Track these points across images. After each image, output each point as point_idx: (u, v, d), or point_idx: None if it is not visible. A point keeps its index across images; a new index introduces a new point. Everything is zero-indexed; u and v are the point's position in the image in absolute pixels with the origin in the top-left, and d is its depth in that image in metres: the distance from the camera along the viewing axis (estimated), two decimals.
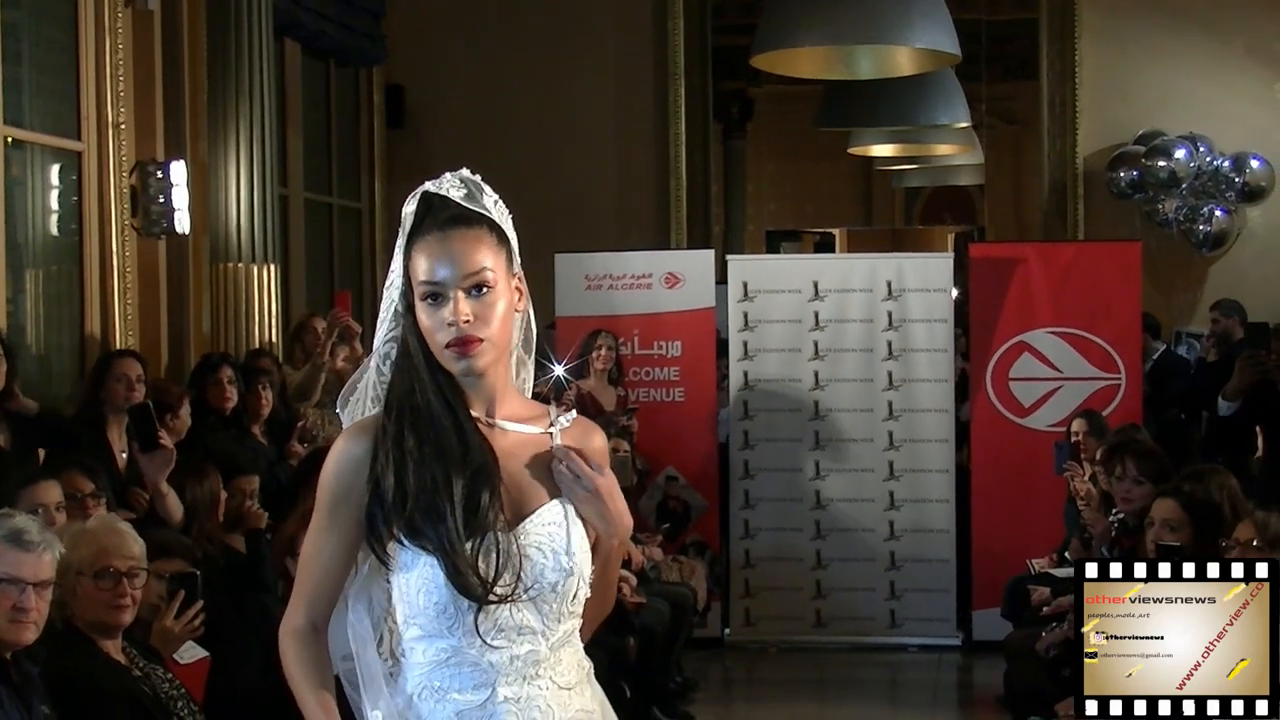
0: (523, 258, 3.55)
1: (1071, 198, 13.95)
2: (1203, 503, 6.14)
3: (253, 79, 10.52)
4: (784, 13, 11.32)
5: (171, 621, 5.50)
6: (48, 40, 9.54)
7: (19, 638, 4.50)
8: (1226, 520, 5.94)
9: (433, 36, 14.12)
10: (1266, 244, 13.58)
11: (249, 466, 7.37)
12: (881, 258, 12.04)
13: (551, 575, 3.31)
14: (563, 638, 3.36)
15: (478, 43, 14.10)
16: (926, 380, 11.08)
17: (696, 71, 14.38)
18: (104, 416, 7.49)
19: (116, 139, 9.72)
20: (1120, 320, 10.88)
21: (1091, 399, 10.60)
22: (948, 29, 11.15)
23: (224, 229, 10.49)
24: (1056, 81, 14.01)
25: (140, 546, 5.20)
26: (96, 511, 5.85)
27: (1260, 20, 13.54)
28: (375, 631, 3.45)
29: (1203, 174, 13.52)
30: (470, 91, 14.16)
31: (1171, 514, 6.13)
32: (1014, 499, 10.72)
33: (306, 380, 9.56)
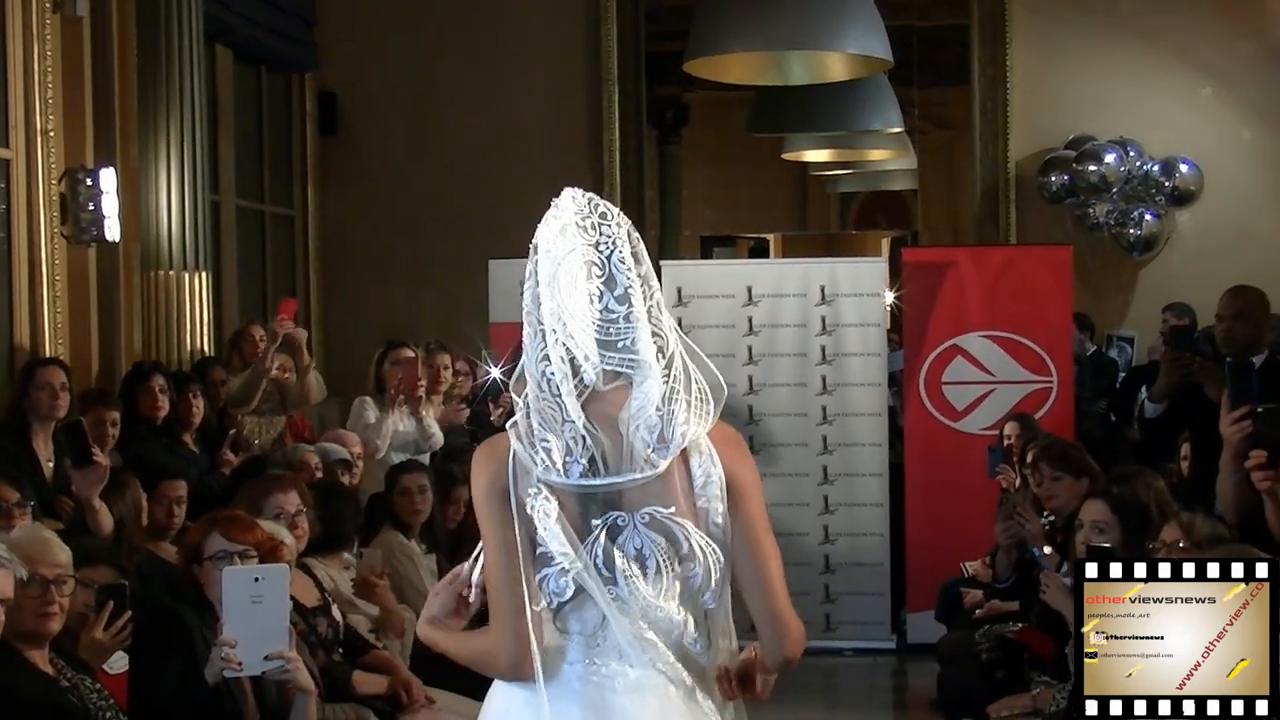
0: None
1: (1003, 202, 14.01)
2: (1131, 504, 6.17)
3: (183, 85, 10.47)
4: (716, 18, 11.34)
5: (101, 633, 5.47)
6: None
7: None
8: (1154, 521, 5.98)
9: (365, 43, 14.08)
10: (1196, 247, 13.66)
11: (178, 475, 7.33)
12: (815, 263, 12.11)
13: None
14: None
15: (410, 49, 14.06)
16: (860, 384, 11.11)
17: (630, 77, 14.37)
18: (29, 425, 7.43)
19: (45, 146, 9.64)
20: (1052, 324, 10.94)
21: (1024, 402, 10.65)
22: (880, 34, 11.18)
23: (155, 236, 10.43)
24: (988, 87, 14.06)
25: (67, 555, 5.17)
26: (22, 521, 5.80)
27: (1188, 25, 13.63)
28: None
29: (1133, 178, 13.61)
30: (403, 98, 14.13)
31: (1100, 515, 6.17)
32: (947, 502, 10.75)
33: (245, 387, 9.53)
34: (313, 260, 14.13)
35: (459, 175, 14.00)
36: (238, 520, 5.88)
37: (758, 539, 3.56)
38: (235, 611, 5.22)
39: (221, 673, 5.26)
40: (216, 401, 9.37)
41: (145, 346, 10.32)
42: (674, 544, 3.49)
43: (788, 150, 19.85)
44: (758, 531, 3.56)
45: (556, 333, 3.50)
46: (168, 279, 10.47)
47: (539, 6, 14.14)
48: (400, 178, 14.09)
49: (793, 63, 12.10)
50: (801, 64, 12.12)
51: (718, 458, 3.53)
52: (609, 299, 3.50)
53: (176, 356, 10.27)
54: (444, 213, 13.91)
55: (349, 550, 7.34)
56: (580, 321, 3.49)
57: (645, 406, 3.47)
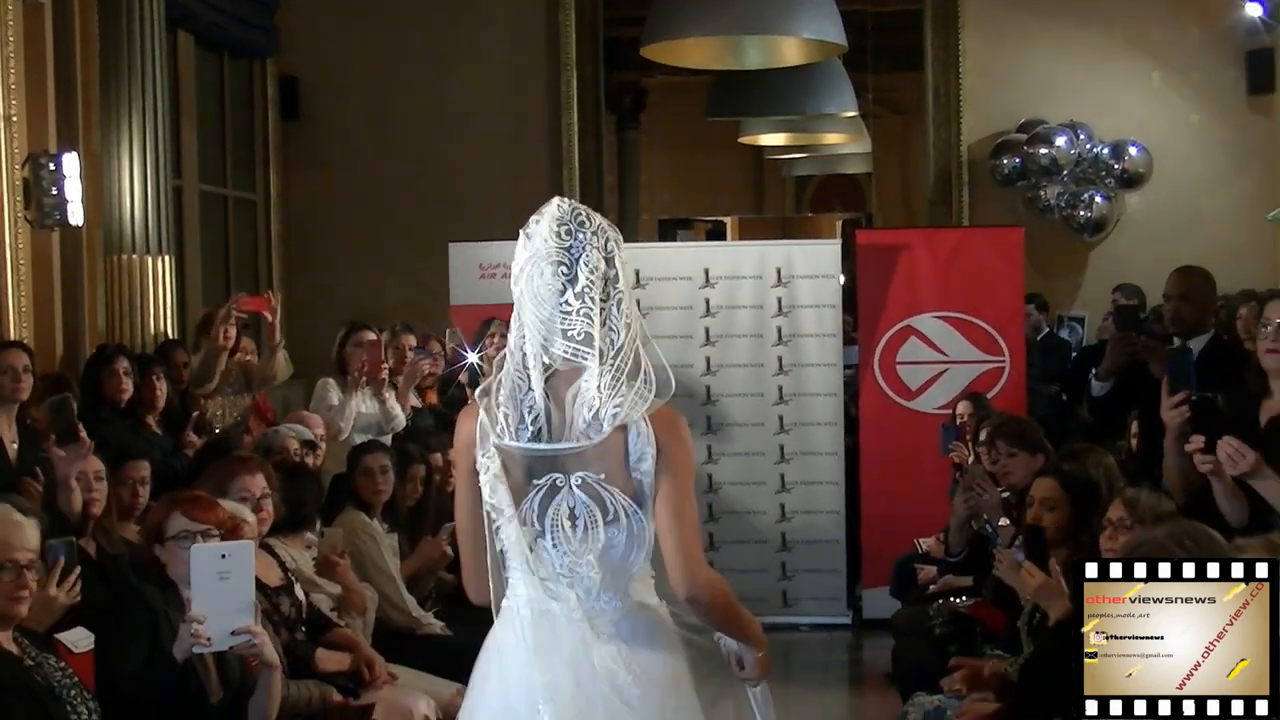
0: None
1: (956, 185, 14.06)
2: (1081, 481, 6.21)
3: (145, 71, 10.44)
4: (673, 4, 11.34)
5: (55, 589, 5.46)
6: None
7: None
8: (1104, 498, 6.01)
9: (326, 29, 14.05)
10: (1145, 229, 13.74)
11: (142, 456, 7.30)
12: (771, 245, 12.13)
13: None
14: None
15: (371, 35, 14.04)
16: (815, 365, 11.14)
17: (589, 62, 14.38)
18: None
19: (8, 131, 9.57)
20: (1003, 304, 10.99)
21: (976, 381, 10.71)
22: (834, 20, 11.20)
23: (118, 221, 10.40)
24: (941, 71, 14.11)
25: (38, 538, 5.15)
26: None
27: (1138, 11, 13.69)
28: None
29: (1083, 161, 13.68)
30: (364, 83, 14.10)
31: (1050, 492, 6.20)
32: (901, 480, 10.81)
33: (203, 365, 9.49)
34: (275, 244, 14.10)
35: (420, 160, 13.98)
36: (199, 500, 5.87)
37: (679, 502, 4.00)
38: (202, 588, 5.23)
39: (190, 648, 5.26)
40: (180, 384, 9.33)
41: (109, 330, 10.29)
42: (602, 507, 3.98)
43: (744, 134, 19.86)
44: (680, 496, 4.01)
45: (520, 317, 4.02)
46: (130, 263, 10.44)
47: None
48: (362, 162, 14.08)
49: (749, 47, 12.10)
50: (757, 49, 12.13)
51: (653, 437, 3.99)
52: (569, 294, 4.00)
53: (140, 340, 10.24)
54: (405, 197, 13.90)
55: (311, 530, 7.33)
56: (540, 310, 3.99)
57: (588, 388, 3.96)
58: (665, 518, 3.99)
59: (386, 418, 9.57)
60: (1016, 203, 13.83)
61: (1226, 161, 13.65)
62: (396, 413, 9.64)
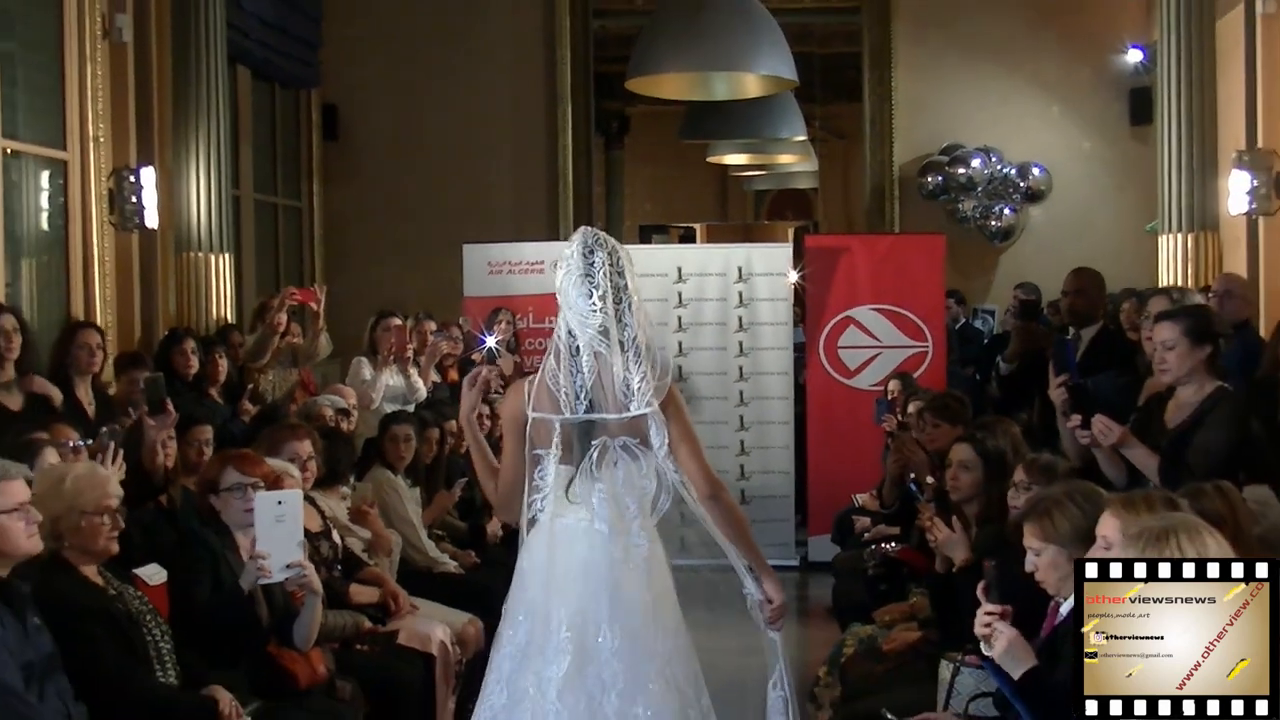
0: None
1: (888, 199, 14.05)
2: (992, 448, 6.21)
3: (210, 99, 10.41)
4: (653, 45, 11.38)
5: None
6: (39, 67, 9.37)
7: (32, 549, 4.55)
8: (1010, 464, 6.00)
9: (361, 64, 14.01)
10: (1045, 237, 13.74)
11: (205, 421, 7.28)
12: (733, 247, 12.10)
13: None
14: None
15: (399, 69, 14.00)
16: (770, 348, 11.14)
17: (581, 94, 14.34)
18: (71, 379, 7.32)
19: (96, 149, 9.57)
20: (928, 299, 10.98)
21: (905, 363, 10.69)
22: (787, 59, 11.24)
23: (186, 224, 10.38)
24: (876, 103, 14.09)
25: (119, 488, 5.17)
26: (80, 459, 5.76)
27: (1040, 54, 13.68)
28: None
29: (994, 179, 13.68)
30: (393, 110, 14.07)
31: (966, 456, 6.18)
32: (842, 445, 10.80)
33: (258, 344, 9.47)
34: (317, 244, 14.07)
35: (439, 174, 13.96)
36: (247, 457, 5.87)
37: (685, 429, 4.55)
38: (264, 529, 5.28)
39: (255, 580, 5.32)
40: (236, 361, 9.31)
41: (178, 315, 10.26)
42: (639, 465, 4.50)
43: (711, 155, 19.86)
44: (684, 426, 4.55)
45: (565, 317, 4.54)
46: (196, 260, 10.42)
47: (505, 35, 14.09)
48: (390, 176, 14.05)
49: (715, 82, 12.11)
50: (723, 83, 12.14)
51: (660, 414, 4.49)
52: (594, 298, 4.48)
53: (203, 323, 10.22)
54: (426, 205, 13.87)
55: (345, 484, 7.32)
56: (576, 313, 4.51)
57: (617, 370, 4.47)
58: (679, 439, 4.51)
59: (410, 390, 9.56)
60: (939, 214, 13.82)
61: (1112, 181, 13.65)
62: (419, 386, 9.64)
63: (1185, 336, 5.47)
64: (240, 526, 5.60)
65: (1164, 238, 10.51)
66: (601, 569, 4.48)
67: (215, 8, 10.46)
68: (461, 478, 8.30)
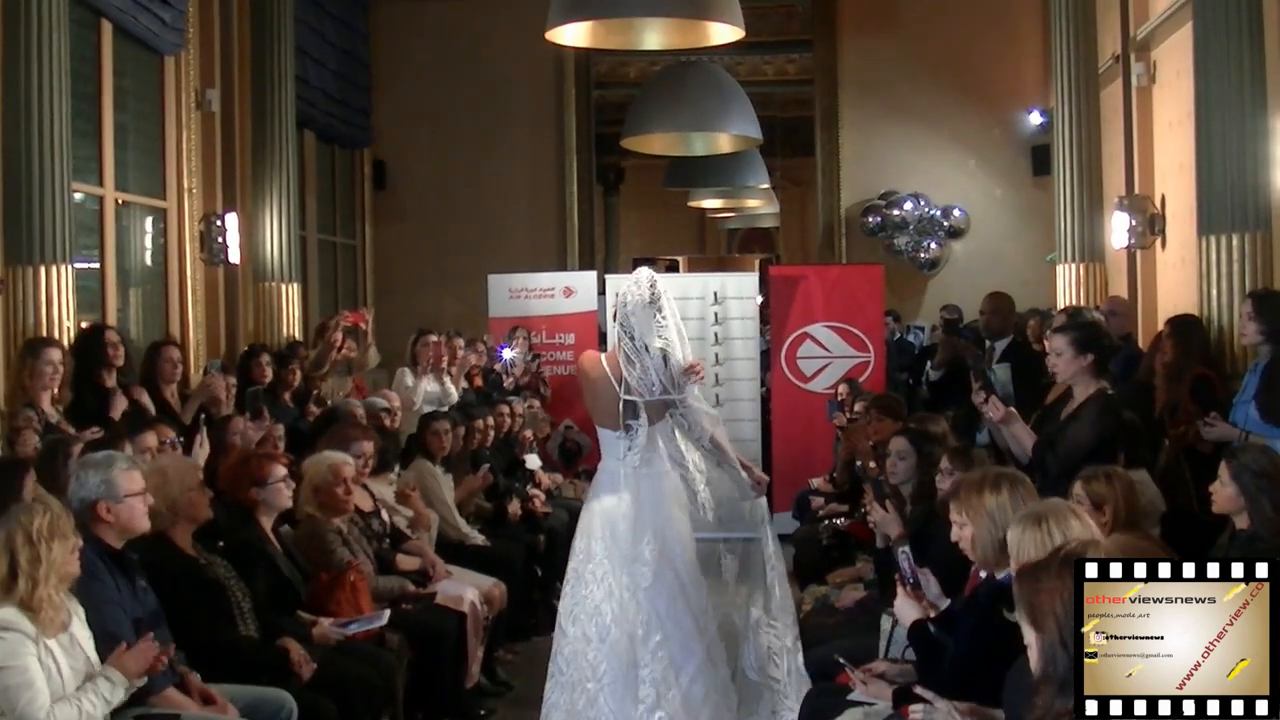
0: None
1: (837, 235, 14.06)
2: (923, 439, 6.21)
3: (281, 157, 10.43)
4: (643, 110, 11.44)
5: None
6: (144, 133, 9.41)
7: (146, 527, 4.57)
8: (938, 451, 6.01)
9: (405, 126, 14.04)
10: (965, 267, 13.75)
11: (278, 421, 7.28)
12: (710, 276, 12.07)
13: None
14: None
15: (435, 131, 14.03)
16: (740, 359, 11.12)
17: (584, 150, 14.39)
18: (158, 387, 7.30)
19: (190, 199, 9.62)
20: (869, 317, 10.97)
21: (851, 371, 10.69)
22: (754, 122, 11.30)
23: (262, 259, 10.39)
24: (826, 157, 14.11)
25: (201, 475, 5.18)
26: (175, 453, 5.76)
27: (959, 117, 13.70)
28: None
29: (923, 219, 13.70)
30: (431, 165, 14.09)
31: (902, 446, 6.19)
32: (800, 438, 10.79)
33: (318, 356, 9.45)
34: (369, 275, 14.08)
35: (468, 217, 13.99)
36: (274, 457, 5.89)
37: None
38: None
39: None
40: (302, 371, 9.30)
41: (255, 333, 10.27)
42: (681, 424, 5.66)
43: (692, 200, 19.92)
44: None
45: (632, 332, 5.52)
46: (270, 288, 10.42)
47: (523, 102, 14.13)
48: (429, 218, 14.07)
49: (695, 140, 12.15)
50: (701, 141, 12.19)
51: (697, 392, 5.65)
52: (658, 317, 5.50)
53: (276, 340, 10.22)
54: (457, 242, 13.89)
55: (392, 471, 7.32)
56: (642, 327, 5.50)
57: (673, 363, 5.51)
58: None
59: (444, 395, 9.55)
60: (878, 248, 13.84)
61: (1018, 221, 13.67)
62: (451, 391, 9.63)
63: (1070, 346, 5.48)
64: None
65: (1061, 267, 10.51)
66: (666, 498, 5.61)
67: (287, 83, 10.49)
68: (485, 464, 8.29)
